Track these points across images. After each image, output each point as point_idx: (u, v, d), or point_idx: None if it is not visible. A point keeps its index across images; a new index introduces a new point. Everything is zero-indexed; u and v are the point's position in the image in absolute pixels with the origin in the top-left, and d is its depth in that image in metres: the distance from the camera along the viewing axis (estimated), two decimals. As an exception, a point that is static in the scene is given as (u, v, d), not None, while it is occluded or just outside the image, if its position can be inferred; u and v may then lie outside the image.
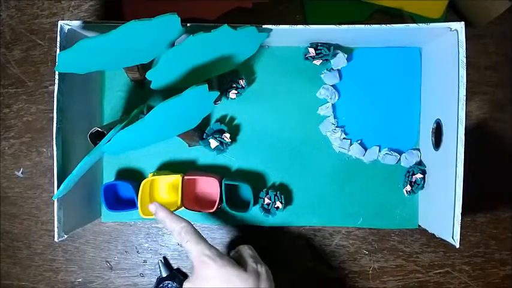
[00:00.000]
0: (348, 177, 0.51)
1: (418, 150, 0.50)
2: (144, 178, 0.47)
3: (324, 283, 0.52)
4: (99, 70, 0.41)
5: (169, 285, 0.51)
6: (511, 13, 0.50)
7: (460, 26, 0.40)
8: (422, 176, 0.48)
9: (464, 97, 0.40)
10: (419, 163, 0.50)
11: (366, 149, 0.51)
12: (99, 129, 0.41)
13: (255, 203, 0.49)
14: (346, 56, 0.49)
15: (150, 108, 0.38)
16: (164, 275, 0.52)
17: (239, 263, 0.40)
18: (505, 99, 0.52)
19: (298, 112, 0.51)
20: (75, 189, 0.43)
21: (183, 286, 0.39)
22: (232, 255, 0.44)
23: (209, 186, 0.50)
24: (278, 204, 0.48)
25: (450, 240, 0.41)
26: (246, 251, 0.43)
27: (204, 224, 0.53)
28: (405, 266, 0.52)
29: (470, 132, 0.45)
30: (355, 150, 0.50)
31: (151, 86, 0.41)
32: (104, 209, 0.50)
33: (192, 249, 0.38)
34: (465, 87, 0.40)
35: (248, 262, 0.40)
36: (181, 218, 0.40)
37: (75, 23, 0.42)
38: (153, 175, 0.47)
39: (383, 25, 0.42)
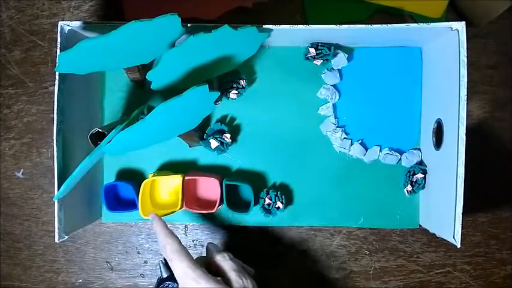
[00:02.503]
0: (348, 177, 0.51)
1: (419, 149, 0.50)
2: (145, 179, 0.47)
3: (325, 283, 0.52)
4: (99, 71, 0.40)
5: (170, 286, 0.51)
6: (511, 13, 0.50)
7: (460, 26, 0.40)
8: (423, 175, 0.48)
9: (465, 96, 0.40)
10: (420, 163, 0.50)
11: (366, 149, 0.51)
12: (100, 130, 0.41)
13: (256, 203, 0.49)
14: (346, 55, 0.49)
15: (150, 108, 0.38)
16: (165, 275, 0.52)
17: (219, 275, 0.38)
18: (506, 98, 0.52)
19: (298, 112, 0.51)
20: (75, 190, 0.43)
21: None
22: (205, 260, 0.41)
23: (210, 187, 0.50)
24: (279, 204, 0.48)
25: (451, 240, 0.41)
26: (228, 263, 0.40)
27: (205, 225, 0.53)
28: (406, 266, 0.52)
29: (471, 132, 0.45)
30: (356, 150, 0.50)
31: (152, 87, 0.41)
32: (105, 209, 0.50)
33: (175, 269, 0.37)
34: (466, 87, 0.40)
35: (232, 279, 0.38)
36: (172, 234, 0.39)
37: (76, 24, 0.42)
38: (154, 175, 0.47)
39: (384, 25, 0.42)
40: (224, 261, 0.40)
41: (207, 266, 0.39)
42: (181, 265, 0.37)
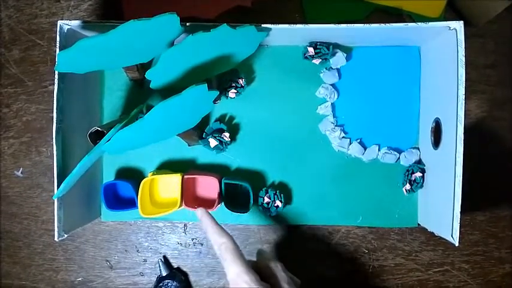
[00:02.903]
0: (347, 176, 0.51)
1: (418, 149, 0.50)
2: (144, 177, 0.47)
3: (323, 282, 0.52)
4: (98, 70, 0.41)
5: (169, 284, 0.51)
6: (510, 12, 0.50)
7: (459, 25, 0.41)
8: (421, 174, 0.49)
9: (463, 96, 0.40)
10: (419, 162, 0.50)
11: (365, 148, 0.51)
12: (99, 129, 0.41)
13: (255, 202, 0.49)
14: (345, 55, 0.49)
15: (149, 107, 0.38)
16: (164, 274, 0.52)
17: (267, 280, 0.37)
18: (504, 97, 0.52)
19: (297, 111, 0.51)
20: (75, 189, 0.43)
21: None
22: (259, 264, 0.40)
23: (209, 186, 0.50)
24: (278, 203, 0.48)
25: (449, 238, 0.41)
26: (282, 274, 0.39)
27: (204, 223, 0.53)
28: (405, 265, 0.52)
29: (469, 131, 0.45)
30: (355, 149, 0.50)
31: (151, 86, 0.41)
32: (104, 208, 0.50)
33: (229, 270, 0.36)
34: (464, 86, 0.40)
35: None
36: (224, 231, 0.38)
37: (75, 23, 0.42)
38: (153, 174, 0.47)
39: (382, 24, 0.42)
40: (278, 271, 0.39)
41: (256, 271, 0.37)
42: (236, 267, 0.35)
